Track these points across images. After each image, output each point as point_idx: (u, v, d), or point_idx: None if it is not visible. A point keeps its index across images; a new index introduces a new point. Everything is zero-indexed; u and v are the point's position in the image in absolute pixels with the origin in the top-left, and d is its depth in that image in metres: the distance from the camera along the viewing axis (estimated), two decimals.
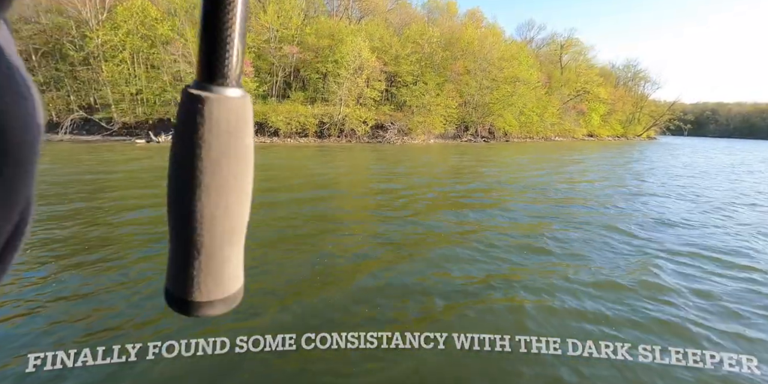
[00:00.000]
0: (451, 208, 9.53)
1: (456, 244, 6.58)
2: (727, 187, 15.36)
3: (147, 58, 28.11)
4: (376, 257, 5.83)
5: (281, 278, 4.94)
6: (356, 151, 26.03)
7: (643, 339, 3.78)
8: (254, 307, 4.10)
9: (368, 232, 7.20)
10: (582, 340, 3.60)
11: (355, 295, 4.56)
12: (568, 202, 10.64)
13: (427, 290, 4.70)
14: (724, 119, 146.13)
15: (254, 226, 7.10)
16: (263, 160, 18.71)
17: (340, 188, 12.21)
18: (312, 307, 4.24)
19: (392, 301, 4.43)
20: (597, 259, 6.10)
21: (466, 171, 17.47)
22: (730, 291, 5.08)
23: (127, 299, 4.25)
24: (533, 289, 4.84)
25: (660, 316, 4.30)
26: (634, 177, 17.36)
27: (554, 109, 53.66)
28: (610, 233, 7.57)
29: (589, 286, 4.94)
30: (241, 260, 0.40)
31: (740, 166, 25.52)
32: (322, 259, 5.64)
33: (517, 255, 6.12)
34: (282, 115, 30.31)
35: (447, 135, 40.30)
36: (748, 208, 10.93)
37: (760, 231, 8.28)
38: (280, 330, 3.56)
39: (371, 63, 33.05)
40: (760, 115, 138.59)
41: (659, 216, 9.32)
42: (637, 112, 77.80)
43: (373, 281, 4.99)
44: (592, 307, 4.42)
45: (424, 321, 4.02)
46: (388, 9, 47.66)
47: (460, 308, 4.29)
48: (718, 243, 7.25)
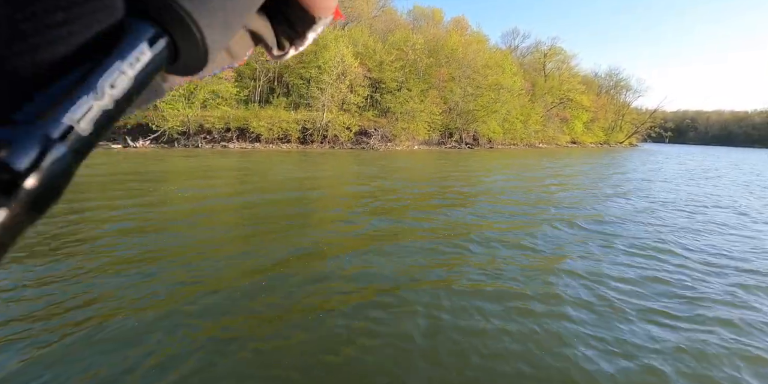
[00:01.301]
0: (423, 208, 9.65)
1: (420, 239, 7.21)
2: (669, 189, 16.83)
3: None
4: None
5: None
6: (337, 156, 25.80)
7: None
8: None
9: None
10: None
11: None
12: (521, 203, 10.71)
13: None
14: (704, 127, 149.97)
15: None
16: (242, 164, 18.42)
17: (316, 191, 12.01)
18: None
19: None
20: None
21: (443, 175, 17.46)
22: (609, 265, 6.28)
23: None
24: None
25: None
26: (593, 181, 18.03)
27: (538, 116, 54.29)
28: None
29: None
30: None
31: (696, 171, 27.67)
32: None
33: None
34: (264, 120, 29.94)
35: (431, 141, 40.34)
36: (676, 211, 11.72)
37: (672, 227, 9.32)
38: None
39: (354, 69, 32.93)
40: (738, 123, 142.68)
41: (598, 212, 10.53)
42: (619, 119, 79.30)
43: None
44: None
45: None
46: (373, 16, 47.79)
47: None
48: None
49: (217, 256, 6.03)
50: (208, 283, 5.00)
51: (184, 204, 9.46)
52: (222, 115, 29.08)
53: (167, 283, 4.92)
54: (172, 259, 5.75)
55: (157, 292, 4.63)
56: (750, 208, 12.77)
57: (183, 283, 4.91)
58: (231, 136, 29.59)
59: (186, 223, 7.85)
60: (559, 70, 66.48)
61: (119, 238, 6.63)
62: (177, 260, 5.69)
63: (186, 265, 5.52)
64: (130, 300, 4.40)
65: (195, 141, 28.39)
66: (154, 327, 3.87)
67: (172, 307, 4.28)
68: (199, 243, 6.64)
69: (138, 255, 5.88)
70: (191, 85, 27.77)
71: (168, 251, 6.05)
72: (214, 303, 4.44)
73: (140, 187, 11.44)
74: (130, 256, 5.79)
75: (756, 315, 4.87)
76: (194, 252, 6.08)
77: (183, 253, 5.98)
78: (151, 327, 3.87)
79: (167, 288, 4.76)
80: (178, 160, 20.24)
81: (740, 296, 5.41)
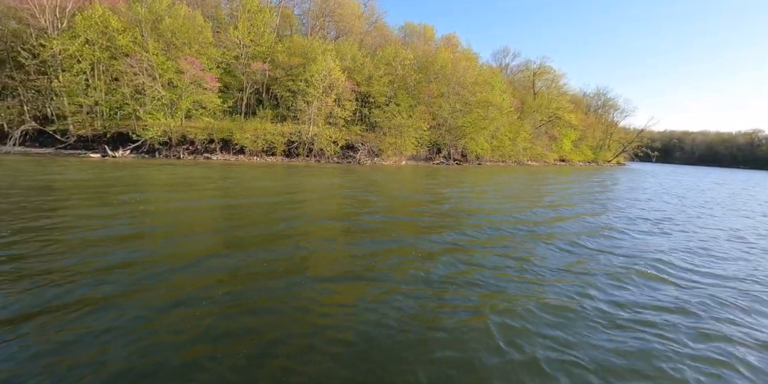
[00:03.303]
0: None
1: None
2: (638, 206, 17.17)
3: (107, 70, 27.07)
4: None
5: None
6: (317, 170, 25.34)
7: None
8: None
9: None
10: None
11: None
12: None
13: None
14: (690, 147, 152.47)
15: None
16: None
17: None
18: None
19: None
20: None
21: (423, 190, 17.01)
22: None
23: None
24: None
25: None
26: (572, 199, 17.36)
27: (526, 133, 54.59)
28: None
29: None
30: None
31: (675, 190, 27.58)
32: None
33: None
34: (249, 132, 29.51)
35: (419, 157, 40.16)
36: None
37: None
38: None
39: (341, 82, 32.82)
40: (723, 144, 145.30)
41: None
42: (607, 138, 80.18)
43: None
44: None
45: None
46: (365, 31, 48.10)
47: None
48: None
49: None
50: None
51: (144, 217, 8.91)
52: (205, 126, 28.61)
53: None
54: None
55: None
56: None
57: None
58: (214, 147, 29.07)
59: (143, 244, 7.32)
60: (548, 89, 67.34)
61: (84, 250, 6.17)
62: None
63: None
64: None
65: (177, 152, 27.80)
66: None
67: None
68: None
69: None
70: (174, 94, 27.36)
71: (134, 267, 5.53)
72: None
73: (106, 198, 10.88)
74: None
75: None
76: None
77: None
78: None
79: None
80: (152, 170, 19.62)
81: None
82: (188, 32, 28.68)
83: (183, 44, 28.61)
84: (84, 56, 25.81)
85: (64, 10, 26.23)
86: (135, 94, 26.80)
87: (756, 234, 12.30)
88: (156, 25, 27.80)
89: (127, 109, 27.17)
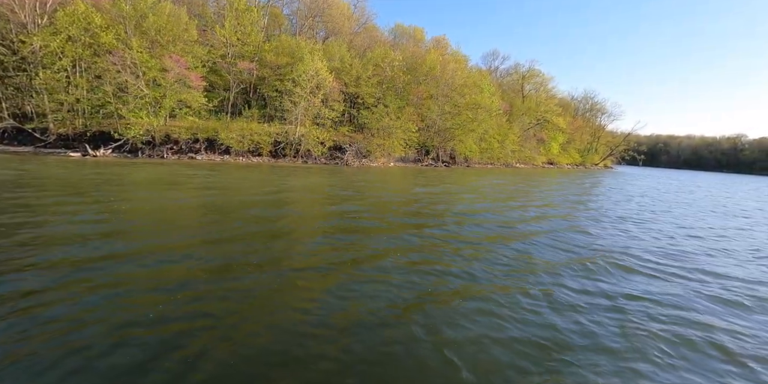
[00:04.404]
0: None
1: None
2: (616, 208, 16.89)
3: (89, 67, 26.51)
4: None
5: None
6: (301, 171, 25.07)
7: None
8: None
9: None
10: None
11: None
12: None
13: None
14: (676, 151, 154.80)
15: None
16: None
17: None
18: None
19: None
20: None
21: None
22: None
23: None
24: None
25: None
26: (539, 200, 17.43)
27: (515, 136, 54.86)
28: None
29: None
30: None
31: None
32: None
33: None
34: (234, 132, 29.13)
35: (408, 158, 40.07)
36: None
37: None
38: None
39: (329, 82, 32.58)
40: (707, 148, 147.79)
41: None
42: (594, 141, 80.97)
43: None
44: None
45: None
46: (354, 31, 47.95)
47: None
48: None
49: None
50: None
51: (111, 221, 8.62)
52: (190, 125, 28.17)
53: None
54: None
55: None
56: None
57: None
58: (199, 147, 28.62)
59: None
60: (536, 92, 67.81)
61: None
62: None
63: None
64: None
65: (160, 151, 27.30)
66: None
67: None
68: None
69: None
70: (158, 93, 26.88)
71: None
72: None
73: (76, 200, 10.53)
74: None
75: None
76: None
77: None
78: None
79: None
80: (132, 170, 19.19)
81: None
82: (173, 30, 28.24)
83: (168, 42, 28.15)
84: (65, 53, 25.24)
85: (45, 6, 25.65)
86: (118, 92, 26.27)
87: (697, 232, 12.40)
88: (140, 22, 27.31)
89: (109, 108, 26.62)
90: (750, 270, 8.50)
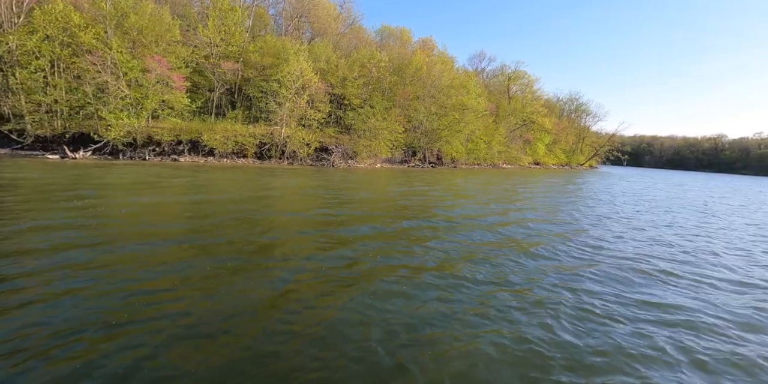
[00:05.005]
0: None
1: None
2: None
3: (68, 67, 25.93)
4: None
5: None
6: (287, 172, 24.86)
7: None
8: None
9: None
10: None
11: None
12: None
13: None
14: (659, 151, 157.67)
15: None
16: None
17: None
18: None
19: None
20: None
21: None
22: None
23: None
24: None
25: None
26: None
27: (501, 137, 55.26)
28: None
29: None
30: None
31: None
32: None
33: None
34: (219, 133, 28.77)
35: (394, 159, 40.06)
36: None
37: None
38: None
39: (314, 83, 32.38)
40: (689, 148, 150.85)
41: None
42: (579, 142, 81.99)
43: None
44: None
45: None
46: (341, 32, 47.76)
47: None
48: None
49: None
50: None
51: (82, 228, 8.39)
52: (173, 126, 27.73)
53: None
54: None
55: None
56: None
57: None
58: (182, 148, 28.20)
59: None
60: (522, 93, 68.39)
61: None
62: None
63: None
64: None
65: (142, 153, 26.85)
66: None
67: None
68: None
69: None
70: (139, 93, 26.41)
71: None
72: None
73: (57, 205, 10.24)
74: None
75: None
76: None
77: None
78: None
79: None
80: (109, 173, 18.80)
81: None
82: (155, 30, 27.78)
83: (150, 42, 27.66)
84: (43, 52, 24.65)
85: (22, 5, 25.02)
86: (98, 92, 25.73)
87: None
88: (121, 22, 26.80)
89: (89, 109, 26.06)
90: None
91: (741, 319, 5.92)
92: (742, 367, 4.56)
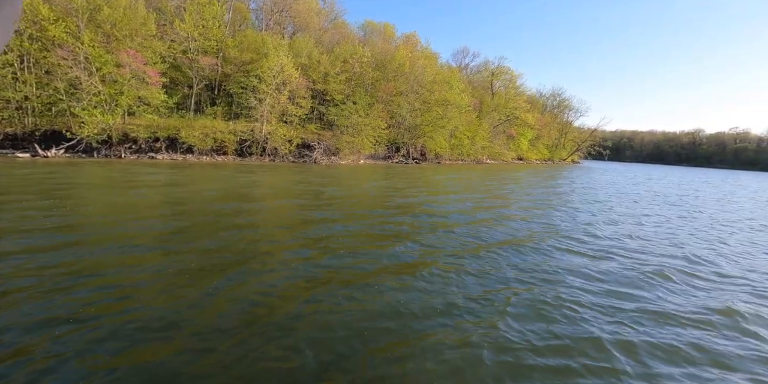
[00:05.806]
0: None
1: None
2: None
3: (37, 62, 25.05)
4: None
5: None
6: (268, 169, 24.54)
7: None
8: None
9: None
10: None
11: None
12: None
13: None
14: (639, 146, 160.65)
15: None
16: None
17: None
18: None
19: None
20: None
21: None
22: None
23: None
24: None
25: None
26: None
27: (484, 132, 55.50)
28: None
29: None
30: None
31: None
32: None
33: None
34: (197, 130, 28.21)
35: (378, 156, 39.89)
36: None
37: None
38: None
39: (295, 79, 31.95)
40: (668, 143, 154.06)
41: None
42: (562, 137, 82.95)
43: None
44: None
45: None
46: (323, 27, 47.22)
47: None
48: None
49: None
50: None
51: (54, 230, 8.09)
52: (149, 123, 27.08)
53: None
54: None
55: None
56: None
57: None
58: (160, 146, 27.58)
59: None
60: (506, 89, 68.73)
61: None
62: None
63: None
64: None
65: (118, 151, 26.15)
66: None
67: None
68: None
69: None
70: (113, 89, 25.69)
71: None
72: None
73: (32, 205, 9.86)
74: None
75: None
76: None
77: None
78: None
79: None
80: (81, 172, 18.28)
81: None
82: (130, 24, 26.99)
83: (124, 36, 26.89)
84: (11, 47, 23.75)
85: None
86: (70, 88, 24.94)
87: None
88: (94, 15, 25.98)
89: (61, 105, 25.25)
90: None
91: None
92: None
